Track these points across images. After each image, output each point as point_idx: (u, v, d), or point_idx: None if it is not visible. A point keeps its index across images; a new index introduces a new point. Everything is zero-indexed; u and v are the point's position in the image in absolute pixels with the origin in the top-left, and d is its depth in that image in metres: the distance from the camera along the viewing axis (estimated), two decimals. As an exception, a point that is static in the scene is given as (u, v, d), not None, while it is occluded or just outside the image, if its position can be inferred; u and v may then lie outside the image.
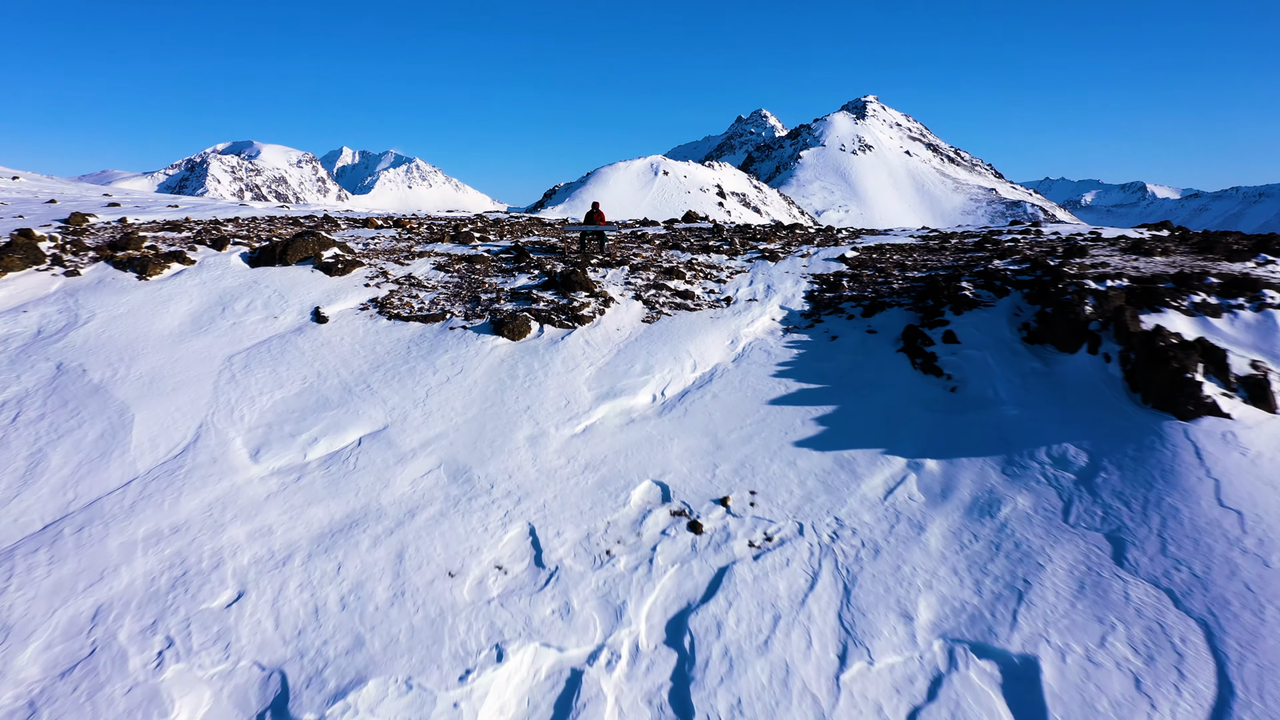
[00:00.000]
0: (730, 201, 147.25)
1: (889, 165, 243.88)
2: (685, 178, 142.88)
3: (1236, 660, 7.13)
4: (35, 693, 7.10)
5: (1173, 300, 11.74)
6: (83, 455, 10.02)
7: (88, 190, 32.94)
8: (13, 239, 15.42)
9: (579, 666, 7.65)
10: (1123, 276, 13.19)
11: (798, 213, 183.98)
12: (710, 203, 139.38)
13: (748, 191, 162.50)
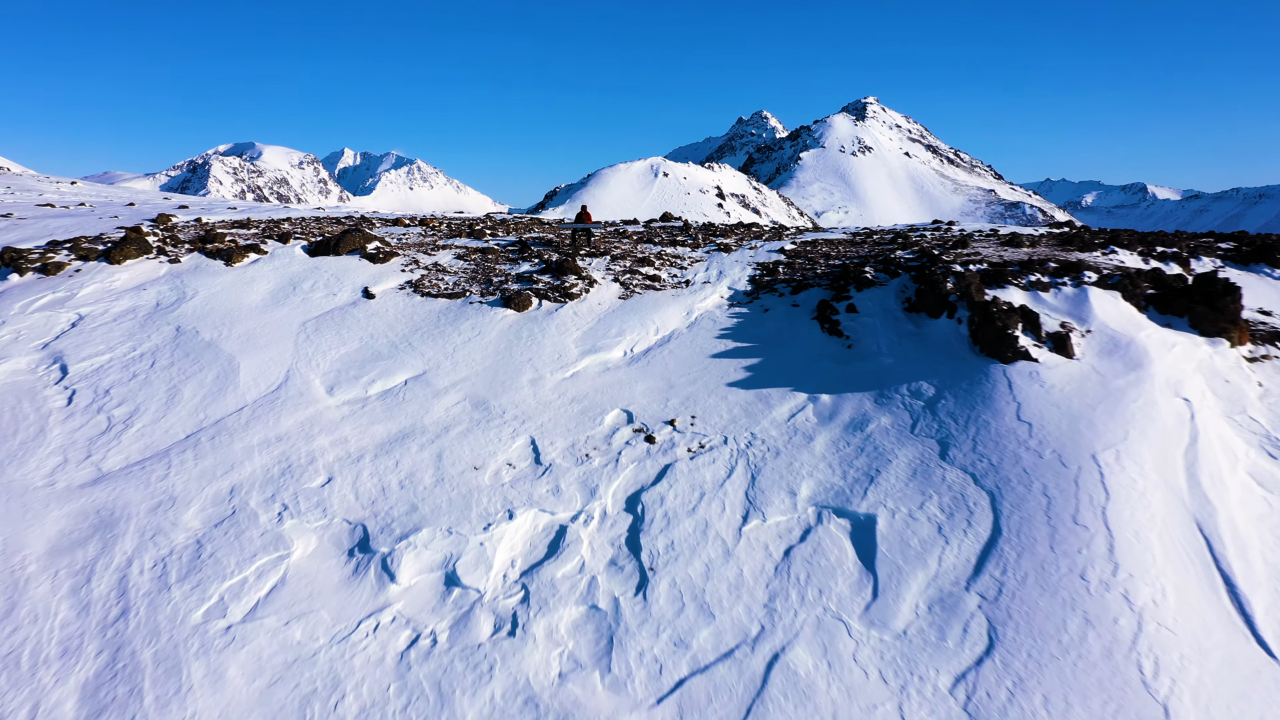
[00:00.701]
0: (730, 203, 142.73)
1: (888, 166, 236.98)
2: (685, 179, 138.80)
3: (1007, 514, 9.80)
4: (201, 536, 9.75)
5: (1014, 279, 14.41)
6: (206, 390, 12.67)
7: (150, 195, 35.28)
8: (127, 234, 17.96)
9: (564, 523, 10.32)
10: (985, 262, 15.86)
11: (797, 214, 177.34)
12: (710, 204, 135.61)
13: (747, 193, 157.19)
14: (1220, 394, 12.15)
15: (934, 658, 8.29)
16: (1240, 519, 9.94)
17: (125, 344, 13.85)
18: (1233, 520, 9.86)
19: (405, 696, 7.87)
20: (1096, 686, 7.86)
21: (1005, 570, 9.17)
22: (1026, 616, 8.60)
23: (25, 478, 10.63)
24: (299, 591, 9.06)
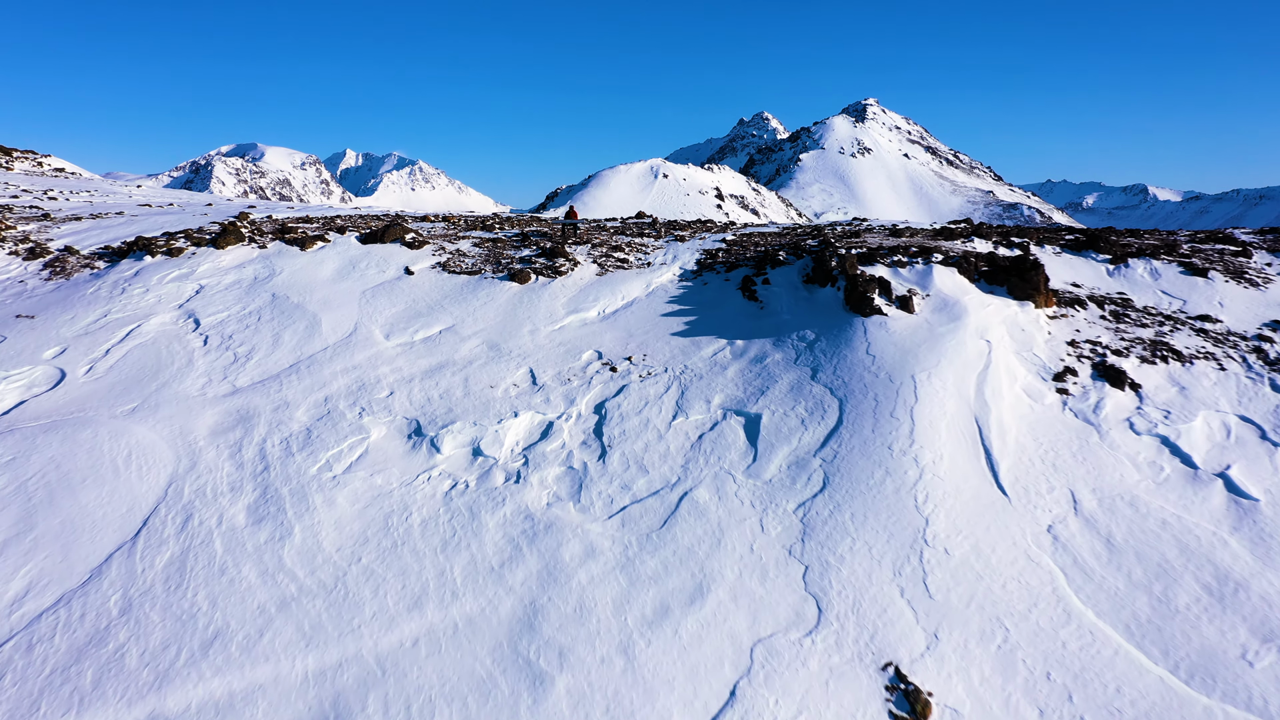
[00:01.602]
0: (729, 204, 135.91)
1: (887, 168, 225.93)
2: (684, 180, 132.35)
3: (848, 412, 13.27)
4: (309, 426, 13.17)
5: (881, 259, 17.87)
6: (299, 336, 16.05)
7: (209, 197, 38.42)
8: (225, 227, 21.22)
9: (552, 420, 13.74)
10: (865, 247, 19.34)
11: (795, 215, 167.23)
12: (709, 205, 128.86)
13: (746, 194, 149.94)
14: (1015, 338, 15.65)
15: (786, 494, 11.79)
16: (1006, 417, 13.46)
17: (237, 305, 17.18)
18: (1000, 417, 13.38)
19: (449, 514, 11.35)
20: (886, 508, 11.40)
21: (840, 444, 12.68)
22: (849, 471, 12.11)
23: (185, 391, 14.04)
24: (376, 458, 12.52)
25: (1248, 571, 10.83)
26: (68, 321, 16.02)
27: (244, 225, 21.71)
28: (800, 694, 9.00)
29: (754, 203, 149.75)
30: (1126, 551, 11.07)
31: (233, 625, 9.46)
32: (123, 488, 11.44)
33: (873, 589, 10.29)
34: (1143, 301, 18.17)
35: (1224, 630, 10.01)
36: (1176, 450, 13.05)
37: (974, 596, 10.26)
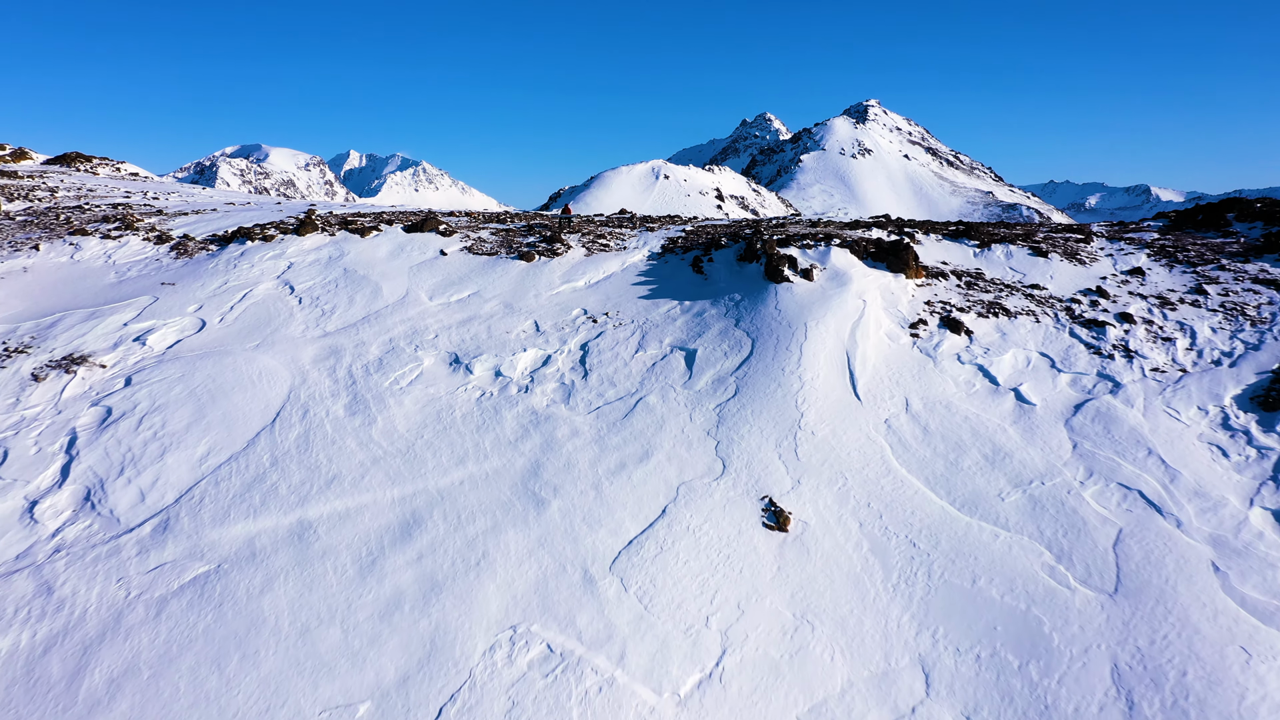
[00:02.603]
0: (729, 204, 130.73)
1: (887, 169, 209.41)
2: (685, 181, 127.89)
3: (757, 347, 16.99)
4: (381, 356, 16.89)
5: (794, 243, 21.60)
6: (367, 298, 19.74)
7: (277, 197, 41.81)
8: (302, 220, 24.81)
9: (550, 354, 17.45)
10: (785, 234, 23.10)
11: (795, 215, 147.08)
12: (709, 205, 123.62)
13: (746, 195, 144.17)
14: (886, 299, 19.41)
15: (709, 399, 15.58)
16: (869, 351, 17.21)
17: (319, 276, 20.81)
18: (865, 352, 17.13)
19: (480, 411, 15.11)
20: (775, 407, 15.17)
21: (749, 368, 16.46)
22: (753, 384, 15.88)
23: (290, 334, 17.75)
24: (428, 377, 16.25)
25: (1015, 447, 14.66)
26: (199, 287, 19.69)
27: (316, 219, 25.25)
28: (706, 512, 12.83)
29: (754, 203, 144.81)
30: (935, 435, 14.89)
31: (344, 473, 13.26)
32: (259, 393, 15.20)
33: (760, 455, 14.11)
34: (993, 275, 21.89)
35: (990, 480, 13.85)
36: (987, 374, 16.85)
37: (827, 460, 14.08)
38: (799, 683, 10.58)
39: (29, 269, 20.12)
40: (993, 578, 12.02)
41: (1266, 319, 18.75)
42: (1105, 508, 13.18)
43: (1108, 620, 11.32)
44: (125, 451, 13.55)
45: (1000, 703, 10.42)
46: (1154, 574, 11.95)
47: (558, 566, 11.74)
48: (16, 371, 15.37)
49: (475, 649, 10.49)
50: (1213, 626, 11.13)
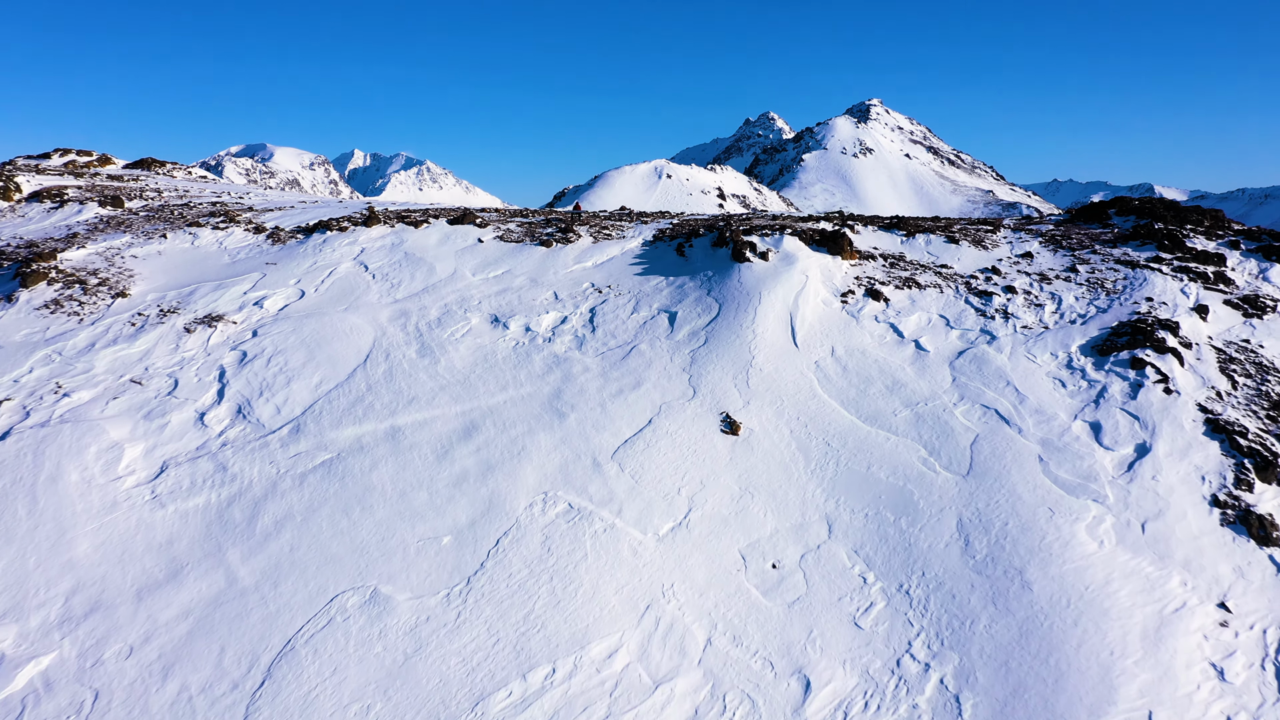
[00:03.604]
0: (730, 203, 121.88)
1: (889, 168, 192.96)
2: (688, 180, 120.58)
3: (723, 309, 20.28)
4: (440, 316, 20.18)
5: (755, 233, 24.86)
6: (423, 274, 22.98)
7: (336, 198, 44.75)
8: (368, 215, 28.08)
9: (567, 315, 20.71)
10: (749, 225, 26.35)
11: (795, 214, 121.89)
12: (711, 204, 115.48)
13: (748, 194, 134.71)
14: (824, 275, 22.64)
15: (686, 346, 18.86)
16: (808, 313, 20.46)
17: (386, 258, 24.03)
18: (804, 313, 20.38)
19: (515, 355, 18.42)
20: (734, 352, 18.45)
21: (716, 324, 19.74)
22: (719, 336, 19.16)
23: (369, 301, 21.04)
24: (476, 331, 19.53)
25: (909, 380, 17.94)
26: (295, 266, 22.94)
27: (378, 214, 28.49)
28: (680, 422, 16.15)
29: (755, 202, 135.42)
30: (851, 372, 18.19)
31: (420, 395, 16.60)
32: (352, 342, 18.52)
33: (721, 384, 17.42)
34: (912, 258, 25.08)
35: (888, 402, 17.15)
36: (896, 329, 20.11)
37: (770, 388, 17.39)
38: (741, 529, 13.96)
39: (162, 252, 23.38)
40: (882, 465, 15.38)
41: (1119, 289, 21.99)
42: (969, 421, 16.50)
43: (959, 491, 14.68)
44: (261, 380, 16.90)
45: (878, 542, 13.81)
46: (996, 463, 15.31)
47: (575, 456, 15.11)
48: (173, 326, 18.69)
49: (519, 505, 13.87)
50: (1031, 495, 14.50)
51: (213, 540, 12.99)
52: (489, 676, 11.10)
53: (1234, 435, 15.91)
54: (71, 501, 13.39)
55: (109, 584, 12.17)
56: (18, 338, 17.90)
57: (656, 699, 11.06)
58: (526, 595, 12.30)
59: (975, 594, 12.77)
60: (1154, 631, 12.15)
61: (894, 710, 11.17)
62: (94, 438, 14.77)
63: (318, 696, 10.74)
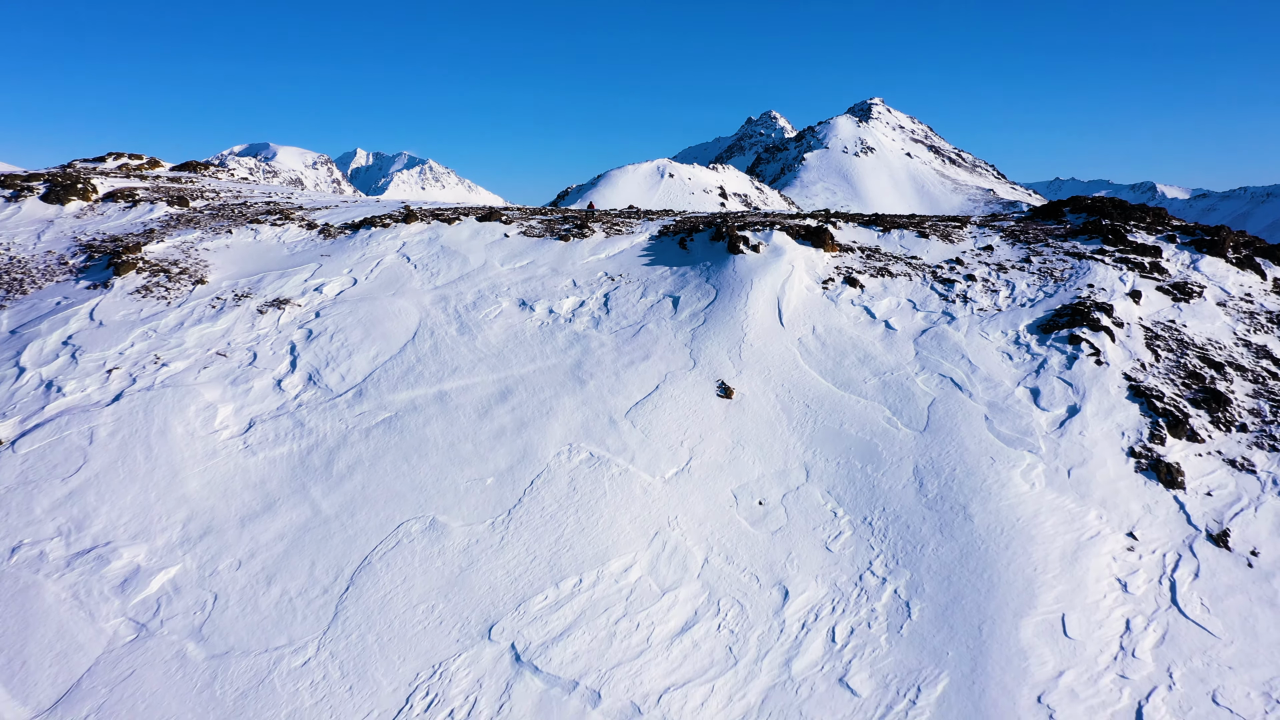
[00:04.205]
0: (732, 202, 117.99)
1: (890, 167, 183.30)
2: (690, 179, 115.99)
3: (721, 294, 22.01)
4: (475, 300, 21.98)
5: (748, 228, 26.61)
6: (459, 265, 24.75)
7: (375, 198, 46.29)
8: (406, 213, 29.87)
9: (584, 299, 22.40)
10: (743, 222, 28.08)
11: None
12: (713, 203, 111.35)
13: (749, 193, 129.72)
14: (807, 265, 24.35)
15: (688, 325, 20.62)
16: (793, 297, 22.21)
17: (426, 250, 25.79)
18: (789, 298, 22.13)
19: (541, 332, 20.23)
20: (728, 330, 20.23)
21: (713, 306, 21.50)
22: (716, 316, 20.92)
23: (413, 287, 22.82)
24: (506, 313, 21.32)
25: (878, 353, 19.70)
26: (346, 258, 24.73)
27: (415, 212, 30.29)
28: (683, 388, 17.94)
29: (757, 201, 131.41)
30: (829, 347, 19.95)
31: (462, 366, 18.42)
32: (401, 322, 20.33)
33: (717, 357, 19.21)
34: (886, 250, 26.78)
35: (859, 372, 18.92)
36: (869, 311, 21.85)
37: (759, 360, 19.17)
38: (733, 474, 15.78)
39: (230, 246, 25.19)
40: (852, 423, 17.17)
41: (1065, 277, 23.69)
42: (927, 387, 18.28)
43: (916, 444, 16.48)
44: (326, 353, 18.74)
45: (847, 484, 15.62)
46: (949, 421, 17.10)
47: (594, 415, 16.94)
48: (248, 308, 20.53)
49: (549, 454, 15.71)
50: (976, 446, 16.29)
51: (297, 480, 14.86)
52: (528, 584, 12.97)
53: (1152, 399, 17.68)
54: (180, 449, 15.27)
55: (216, 514, 14.05)
56: (117, 318, 19.75)
57: (663, 603, 12.92)
58: (556, 524, 14.16)
59: (926, 524, 14.59)
60: (1071, 554, 13.96)
61: (856, 613, 13.02)
62: (192, 399, 16.64)
63: (392, 599, 12.62)
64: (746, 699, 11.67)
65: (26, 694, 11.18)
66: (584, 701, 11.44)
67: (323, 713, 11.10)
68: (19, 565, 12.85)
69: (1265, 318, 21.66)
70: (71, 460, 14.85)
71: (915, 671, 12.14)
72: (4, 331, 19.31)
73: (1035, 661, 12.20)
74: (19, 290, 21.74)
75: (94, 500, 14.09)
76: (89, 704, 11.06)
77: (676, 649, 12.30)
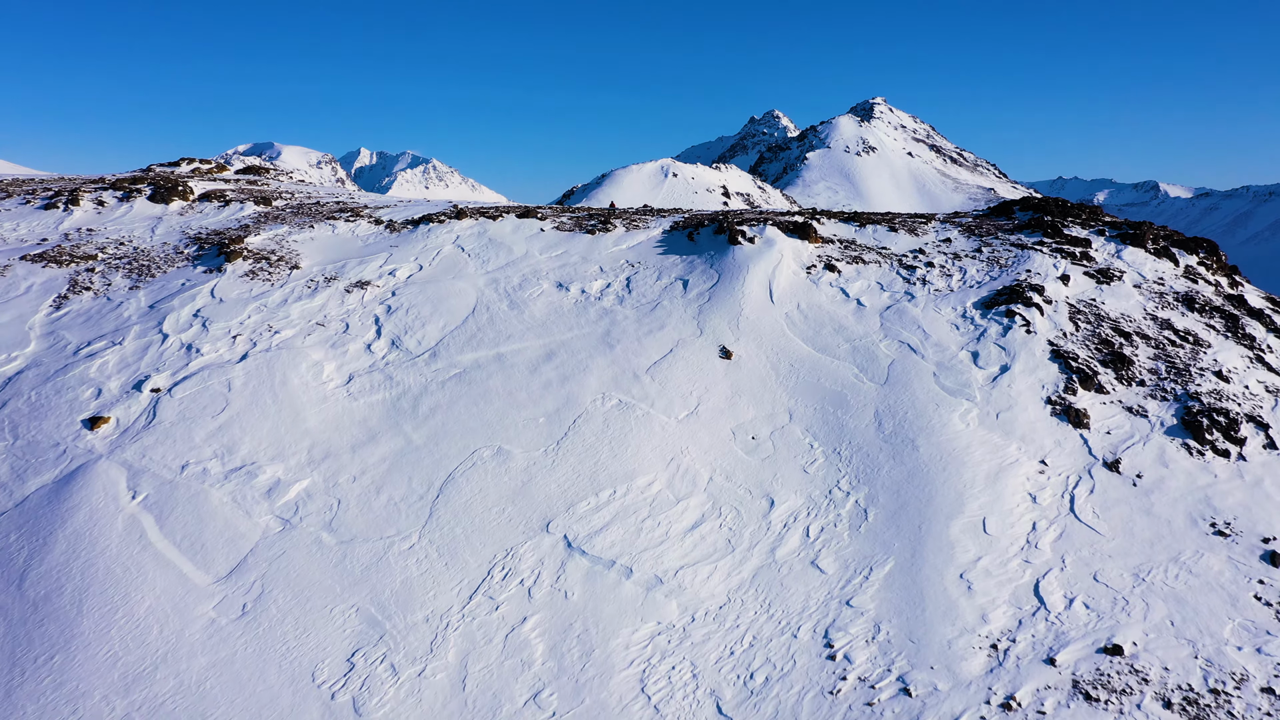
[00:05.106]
0: (735, 201, 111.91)
1: (891, 166, 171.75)
2: (693, 179, 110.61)
3: (722, 277, 24.42)
4: (519, 283, 24.47)
5: (747, 224, 28.97)
6: (502, 254, 27.23)
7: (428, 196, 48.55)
8: (456, 211, 32.31)
9: (610, 281, 24.78)
10: (741, 219, 30.43)
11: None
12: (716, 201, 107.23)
13: (752, 192, 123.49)
14: (794, 254, 26.69)
15: (695, 302, 23.06)
16: (781, 281, 24.59)
17: (476, 242, 28.22)
18: (779, 281, 24.50)
19: (576, 308, 22.67)
20: (729, 306, 22.68)
21: (716, 287, 23.91)
22: (718, 295, 23.32)
23: (467, 272, 25.27)
24: (546, 293, 23.75)
25: (850, 324, 22.10)
26: (410, 248, 27.22)
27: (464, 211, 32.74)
28: (692, 351, 20.42)
29: (759, 200, 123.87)
30: (811, 319, 22.37)
31: (513, 334, 20.94)
32: (462, 300, 22.84)
33: (720, 326, 21.66)
34: (862, 242, 29.07)
35: (834, 339, 21.33)
36: (844, 291, 24.21)
37: (754, 330, 21.61)
38: (731, 416, 18.28)
39: (314, 238, 27.72)
40: (827, 378, 19.63)
41: (1009, 264, 25.97)
42: (889, 351, 20.69)
43: (877, 394, 18.93)
44: (404, 324, 21.29)
45: (822, 424, 18.09)
46: (904, 376, 19.52)
47: (621, 371, 19.45)
48: (337, 288, 23.08)
49: (587, 400, 18.24)
50: (925, 396, 18.72)
51: (391, 419, 17.45)
52: (575, 494, 15.55)
53: (1069, 360, 20.08)
54: (298, 396, 17.87)
55: (332, 443, 16.67)
56: (233, 295, 22.34)
57: (678, 508, 15.48)
58: (595, 451, 16.72)
59: (882, 453, 17.08)
60: (994, 475, 16.44)
61: (825, 516, 15.55)
62: (302, 358, 19.23)
63: (471, 504, 15.22)
64: (741, 574, 14.24)
65: (207, 567, 13.84)
66: (619, 575, 14.04)
67: (427, 581, 13.73)
68: (189, 478, 15.50)
69: (1172, 297, 23.96)
70: (217, 403, 17.47)
71: (869, 557, 14.68)
72: (144, 306, 21.92)
73: (960, 550, 14.72)
74: (148, 274, 24.34)
75: (238, 433, 16.72)
76: (254, 574, 13.72)
77: (688, 540, 14.88)
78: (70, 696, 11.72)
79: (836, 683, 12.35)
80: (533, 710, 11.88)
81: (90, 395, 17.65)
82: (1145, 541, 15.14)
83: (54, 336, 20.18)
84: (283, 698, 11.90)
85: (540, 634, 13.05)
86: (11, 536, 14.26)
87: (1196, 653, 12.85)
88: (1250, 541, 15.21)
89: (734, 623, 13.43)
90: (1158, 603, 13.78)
